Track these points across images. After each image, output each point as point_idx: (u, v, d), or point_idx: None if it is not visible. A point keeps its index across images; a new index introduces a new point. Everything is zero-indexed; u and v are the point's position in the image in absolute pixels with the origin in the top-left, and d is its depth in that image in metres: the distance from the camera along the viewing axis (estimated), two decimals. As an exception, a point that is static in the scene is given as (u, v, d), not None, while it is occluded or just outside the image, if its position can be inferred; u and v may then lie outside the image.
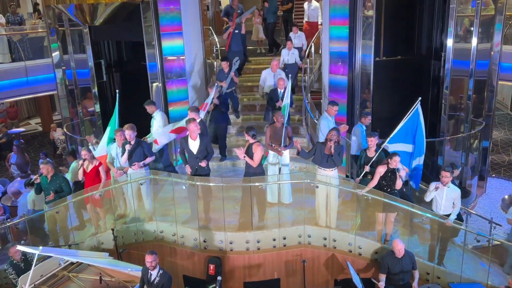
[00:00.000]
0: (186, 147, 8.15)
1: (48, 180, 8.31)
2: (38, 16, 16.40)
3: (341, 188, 8.18)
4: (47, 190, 8.32)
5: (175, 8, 10.59)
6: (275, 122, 8.52)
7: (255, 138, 8.04)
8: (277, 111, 8.87)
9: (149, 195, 8.52)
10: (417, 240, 8.23)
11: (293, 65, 11.70)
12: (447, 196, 7.61)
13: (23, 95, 14.34)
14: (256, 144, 7.97)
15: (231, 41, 11.96)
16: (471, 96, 10.13)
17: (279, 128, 8.46)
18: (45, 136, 17.79)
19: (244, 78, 12.85)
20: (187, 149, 8.16)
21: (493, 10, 10.05)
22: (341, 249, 8.07)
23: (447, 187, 7.57)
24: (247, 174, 8.15)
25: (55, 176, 8.37)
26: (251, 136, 8.01)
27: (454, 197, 7.64)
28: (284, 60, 11.69)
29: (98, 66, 11.39)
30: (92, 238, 8.44)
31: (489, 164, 11.76)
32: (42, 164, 8.42)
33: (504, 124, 17.21)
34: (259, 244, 8.08)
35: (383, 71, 10.30)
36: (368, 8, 9.86)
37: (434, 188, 7.58)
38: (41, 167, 8.33)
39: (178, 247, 8.33)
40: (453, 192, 7.65)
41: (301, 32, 12.76)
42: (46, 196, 8.31)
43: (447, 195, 7.61)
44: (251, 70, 13.21)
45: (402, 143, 8.19)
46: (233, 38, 11.94)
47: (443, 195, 7.61)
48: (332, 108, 8.99)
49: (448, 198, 7.63)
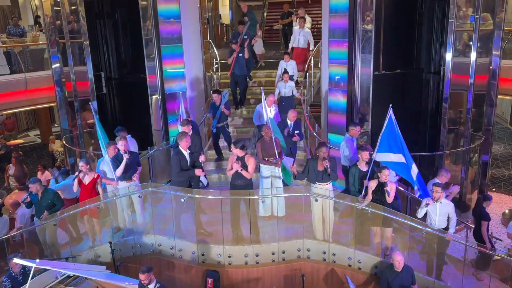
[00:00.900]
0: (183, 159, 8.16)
1: (38, 196, 8.26)
2: (39, 28, 16.49)
3: (340, 201, 8.14)
4: (39, 206, 8.28)
5: (175, 21, 10.66)
6: (264, 136, 8.47)
7: (245, 150, 7.96)
8: (264, 125, 8.65)
9: (147, 208, 8.48)
10: (416, 254, 8.17)
11: (290, 98, 11.33)
12: (440, 211, 7.55)
13: (22, 107, 14.34)
14: (248, 156, 7.94)
15: (235, 65, 11.84)
16: (470, 110, 10.14)
17: (268, 141, 8.41)
18: (44, 148, 17.77)
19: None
20: (184, 160, 8.17)
21: (491, 25, 10.11)
22: (340, 263, 8.00)
23: (440, 203, 7.50)
24: (234, 187, 8.08)
25: (45, 192, 8.31)
26: (240, 148, 7.90)
27: (448, 211, 7.59)
28: (280, 93, 11.33)
29: (98, 79, 11.41)
30: (89, 251, 8.37)
31: (489, 178, 11.72)
32: (31, 184, 8.27)
33: (504, 138, 17.21)
34: (258, 258, 8.01)
35: (383, 85, 10.32)
36: (367, 22, 9.92)
37: (425, 204, 7.54)
38: (30, 186, 8.22)
39: (176, 260, 8.26)
40: (447, 206, 7.58)
41: (292, 60, 12.37)
42: (38, 212, 8.26)
43: (440, 210, 7.54)
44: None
45: (390, 152, 7.92)
46: (236, 62, 11.84)
47: (437, 211, 7.55)
48: (355, 128, 8.79)
49: (442, 213, 7.56)
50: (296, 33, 13.33)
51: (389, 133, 7.81)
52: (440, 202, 7.50)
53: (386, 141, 7.87)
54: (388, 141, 7.86)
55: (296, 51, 13.37)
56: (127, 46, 11.72)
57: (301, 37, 13.17)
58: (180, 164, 8.09)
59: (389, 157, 7.85)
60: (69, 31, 11.02)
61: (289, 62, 12.12)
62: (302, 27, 13.17)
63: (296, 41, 13.33)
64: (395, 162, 7.83)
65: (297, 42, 13.31)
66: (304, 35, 13.17)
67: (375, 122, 10.33)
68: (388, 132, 7.80)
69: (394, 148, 7.87)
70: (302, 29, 13.14)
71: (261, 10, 20.94)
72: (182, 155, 8.13)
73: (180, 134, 8.23)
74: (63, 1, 10.88)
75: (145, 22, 10.54)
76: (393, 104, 10.45)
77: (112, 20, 11.60)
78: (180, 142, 8.11)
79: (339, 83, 10.46)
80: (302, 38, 13.18)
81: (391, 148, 7.87)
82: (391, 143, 7.86)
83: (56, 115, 18.51)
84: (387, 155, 7.86)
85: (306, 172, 8.05)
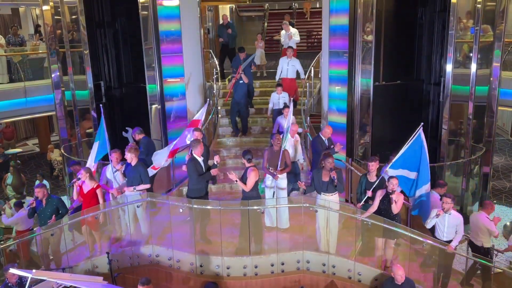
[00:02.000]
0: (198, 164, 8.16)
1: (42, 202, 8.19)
2: (39, 37, 16.51)
3: (341, 212, 8.07)
4: (43, 212, 8.20)
5: (175, 31, 10.68)
6: (273, 145, 8.47)
7: (250, 162, 8.00)
8: (275, 134, 8.75)
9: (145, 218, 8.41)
10: (418, 267, 8.09)
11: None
12: (449, 223, 7.50)
13: (21, 115, 14.30)
14: (251, 169, 7.93)
15: (235, 91, 11.47)
16: (471, 121, 10.12)
17: (276, 151, 8.40)
18: (42, 157, 17.70)
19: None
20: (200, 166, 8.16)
21: (491, 37, 10.12)
22: (340, 276, 7.91)
23: (449, 214, 7.46)
24: (244, 198, 8.08)
25: (49, 198, 8.26)
26: (247, 160, 8.00)
27: (457, 224, 7.51)
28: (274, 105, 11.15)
29: (97, 88, 11.39)
30: (86, 262, 8.29)
31: (490, 190, 11.66)
32: (37, 188, 8.24)
33: (505, 150, 17.17)
34: (256, 269, 7.92)
35: (383, 95, 10.32)
36: (367, 33, 9.93)
37: (436, 215, 7.47)
38: (36, 191, 8.18)
39: (174, 271, 8.18)
40: (456, 219, 7.51)
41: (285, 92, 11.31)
42: (42, 220, 8.18)
43: (449, 222, 7.49)
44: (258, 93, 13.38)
45: (405, 169, 8.06)
46: (237, 87, 11.43)
47: (445, 222, 7.50)
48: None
49: (450, 225, 7.51)
50: (283, 62, 11.93)
51: (414, 151, 7.88)
52: (449, 213, 7.44)
53: (406, 159, 7.94)
54: (409, 158, 7.93)
55: (284, 82, 11.73)
56: (127, 55, 11.73)
57: (290, 66, 11.84)
58: (197, 170, 8.12)
59: (400, 173, 7.86)
60: (69, 40, 11.04)
61: (281, 95, 11.12)
62: (290, 56, 11.90)
63: (285, 71, 11.89)
64: (401, 176, 7.85)
65: (286, 72, 11.90)
66: (293, 64, 11.87)
67: (375, 132, 10.31)
68: (413, 149, 7.87)
69: (413, 166, 7.96)
70: (289, 58, 11.82)
71: (262, 20, 21.05)
72: (197, 161, 8.17)
73: (195, 142, 8.27)
74: (64, 10, 10.92)
75: (145, 31, 10.55)
76: (393, 115, 10.54)
77: (112, 30, 11.62)
78: (194, 150, 8.15)
79: (339, 94, 10.46)
80: (291, 68, 11.87)
81: (410, 166, 7.96)
82: (412, 162, 7.95)
83: (55, 124, 18.48)
84: (398, 171, 7.87)
85: (312, 184, 8.01)
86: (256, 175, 7.95)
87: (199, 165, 8.17)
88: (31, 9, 19.98)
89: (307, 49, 19.83)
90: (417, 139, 7.88)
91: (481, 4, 9.67)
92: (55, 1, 11.00)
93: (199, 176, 8.13)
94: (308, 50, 19.25)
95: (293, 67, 11.84)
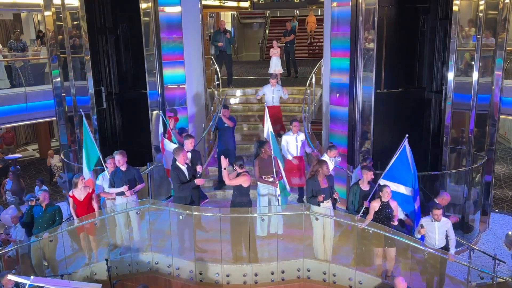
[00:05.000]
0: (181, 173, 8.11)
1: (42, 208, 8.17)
2: (40, 43, 16.54)
3: (341, 221, 8.03)
4: (41, 219, 8.16)
5: (177, 37, 10.68)
6: (262, 153, 8.35)
7: (242, 168, 7.95)
8: (266, 142, 8.47)
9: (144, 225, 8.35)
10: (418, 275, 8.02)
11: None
12: (439, 230, 7.66)
13: (22, 121, 14.30)
14: (243, 174, 7.88)
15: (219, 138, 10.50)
16: (472, 130, 10.08)
17: (266, 159, 8.32)
18: (42, 162, 17.69)
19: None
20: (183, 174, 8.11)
21: (493, 45, 10.10)
22: (341, 284, 7.85)
23: (438, 221, 7.60)
24: (234, 205, 8.03)
25: (50, 204, 8.25)
26: (239, 166, 7.94)
27: (447, 228, 7.69)
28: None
29: (98, 93, 11.37)
30: (85, 269, 8.23)
31: (492, 199, 11.60)
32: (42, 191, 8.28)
33: (507, 159, 17.13)
34: (256, 277, 7.86)
35: (384, 103, 10.28)
36: (369, 41, 9.91)
37: (421, 227, 7.62)
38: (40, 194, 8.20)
39: (173, 279, 8.11)
40: (445, 224, 7.69)
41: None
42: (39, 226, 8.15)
43: (439, 229, 7.66)
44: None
45: (398, 183, 7.95)
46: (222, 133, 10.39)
47: (435, 230, 7.64)
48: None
49: (441, 231, 7.68)
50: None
51: (401, 163, 7.82)
52: (438, 220, 7.59)
53: (394, 171, 7.87)
54: (396, 171, 7.87)
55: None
56: (129, 61, 11.71)
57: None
58: (179, 178, 8.04)
59: (393, 187, 7.81)
60: (71, 46, 11.01)
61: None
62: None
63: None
64: (397, 192, 7.83)
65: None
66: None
67: (376, 140, 10.27)
68: (400, 162, 7.81)
69: (407, 181, 7.91)
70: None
71: (263, 27, 21.11)
72: (180, 169, 8.10)
73: (177, 149, 8.21)
74: (66, 16, 10.90)
75: (147, 38, 10.55)
76: (394, 123, 10.49)
77: (114, 36, 11.61)
78: (177, 157, 8.09)
79: (340, 100, 10.43)
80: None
81: (403, 180, 7.91)
82: (403, 175, 7.89)
83: (55, 129, 18.47)
84: (392, 184, 7.82)
85: (310, 193, 7.95)
86: (247, 180, 7.88)
87: (181, 173, 8.09)
88: (33, 15, 20.03)
89: (308, 56, 19.89)
90: (402, 152, 7.75)
91: (483, 12, 9.66)
92: (57, 7, 11.00)
93: (181, 185, 8.05)
94: (310, 57, 19.31)
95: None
